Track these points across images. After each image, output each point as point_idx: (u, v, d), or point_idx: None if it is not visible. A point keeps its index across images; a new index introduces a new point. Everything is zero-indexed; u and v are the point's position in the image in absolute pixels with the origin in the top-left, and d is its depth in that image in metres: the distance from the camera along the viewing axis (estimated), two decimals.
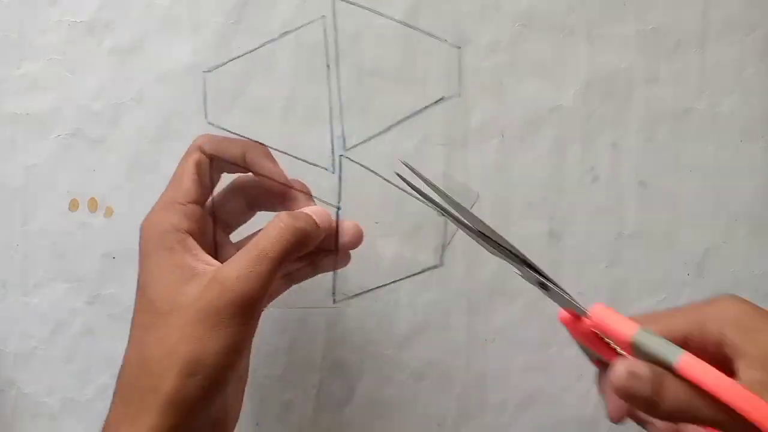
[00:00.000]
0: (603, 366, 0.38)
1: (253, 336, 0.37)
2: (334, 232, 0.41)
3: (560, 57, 0.50)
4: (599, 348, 0.37)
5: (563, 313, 0.37)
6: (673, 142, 0.51)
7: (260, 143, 0.41)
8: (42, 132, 0.47)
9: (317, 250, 0.40)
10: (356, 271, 0.44)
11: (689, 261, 0.51)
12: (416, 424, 0.50)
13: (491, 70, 0.49)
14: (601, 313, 0.35)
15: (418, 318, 0.50)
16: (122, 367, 0.36)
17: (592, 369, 0.51)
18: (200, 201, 0.39)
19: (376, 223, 0.48)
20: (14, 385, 0.48)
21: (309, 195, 0.42)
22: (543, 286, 0.38)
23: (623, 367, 0.32)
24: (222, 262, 0.37)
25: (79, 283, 0.48)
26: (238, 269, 0.35)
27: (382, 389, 0.49)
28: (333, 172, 0.43)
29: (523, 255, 0.38)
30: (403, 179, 0.39)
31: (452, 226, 0.39)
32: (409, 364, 0.50)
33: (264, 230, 0.37)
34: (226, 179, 0.42)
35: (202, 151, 0.40)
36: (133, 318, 0.37)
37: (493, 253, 0.39)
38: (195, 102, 0.48)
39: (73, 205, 0.48)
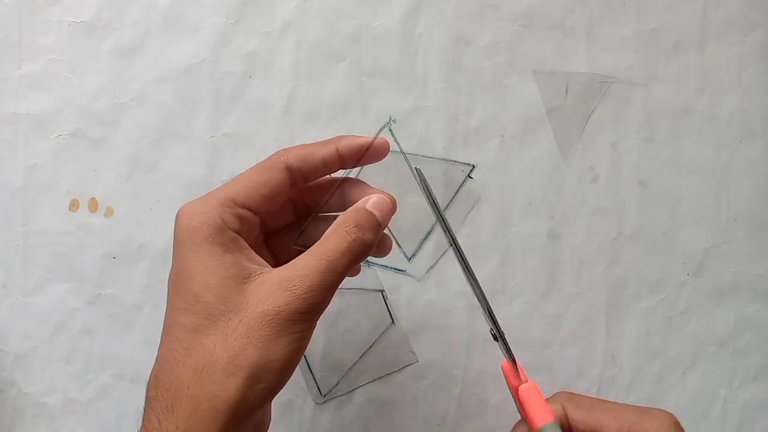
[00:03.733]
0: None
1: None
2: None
3: (560, 57, 0.50)
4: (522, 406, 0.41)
5: (505, 363, 0.41)
6: (672, 142, 0.51)
7: (343, 136, 0.39)
8: (42, 132, 0.47)
9: None
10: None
11: (689, 261, 0.51)
12: (416, 424, 0.50)
13: (491, 70, 0.50)
14: (526, 393, 0.40)
15: (418, 318, 0.50)
16: (163, 370, 0.34)
17: (591, 369, 0.51)
18: (257, 210, 0.37)
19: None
20: (14, 385, 0.48)
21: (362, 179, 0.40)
22: (494, 338, 0.42)
23: None
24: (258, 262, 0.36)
25: (79, 283, 0.48)
26: (307, 278, 0.34)
27: (382, 389, 0.49)
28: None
29: (490, 307, 0.41)
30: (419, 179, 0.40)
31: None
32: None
33: (331, 240, 0.36)
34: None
35: (289, 168, 0.38)
36: (171, 315, 0.35)
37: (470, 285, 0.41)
38: (195, 102, 0.48)
39: (74, 205, 0.48)
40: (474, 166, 0.49)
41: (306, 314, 0.34)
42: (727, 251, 0.52)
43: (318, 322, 0.36)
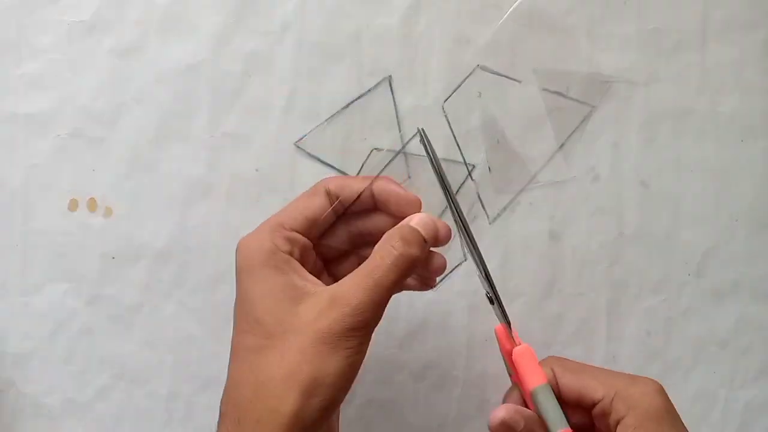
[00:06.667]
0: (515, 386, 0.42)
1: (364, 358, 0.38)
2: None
3: (560, 57, 0.50)
4: (514, 372, 0.41)
5: (499, 327, 0.42)
6: (673, 142, 0.51)
7: (384, 176, 0.42)
8: (42, 132, 0.47)
9: None
10: None
11: (689, 261, 0.51)
12: (416, 424, 0.50)
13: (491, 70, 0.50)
14: (520, 355, 0.40)
15: (418, 318, 0.49)
16: (231, 388, 0.37)
17: None
18: (305, 233, 0.40)
19: None
20: (14, 385, 0.48)
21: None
22: (490, 301, 0.42)
23: (502, 413, 0.38)
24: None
25: (79, 283, 0.48)
26: (357, 295, 0.36)
27: (382, 389, 0.49)
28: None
29: (486, 268, 0.41)
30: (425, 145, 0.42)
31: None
32: (409, 364, 0.50)
33: (378, 256, 0.38)
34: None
35: (328, 193, 0.41)
36: (236, 338, 0.38)
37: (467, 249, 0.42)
38: (195, 102, 0.48)
39: (73, 205, 0.48)
40: (474, 166, 0.49)
41: (356, 330, 0.36)
42: (729, 251, 0.52)
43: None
